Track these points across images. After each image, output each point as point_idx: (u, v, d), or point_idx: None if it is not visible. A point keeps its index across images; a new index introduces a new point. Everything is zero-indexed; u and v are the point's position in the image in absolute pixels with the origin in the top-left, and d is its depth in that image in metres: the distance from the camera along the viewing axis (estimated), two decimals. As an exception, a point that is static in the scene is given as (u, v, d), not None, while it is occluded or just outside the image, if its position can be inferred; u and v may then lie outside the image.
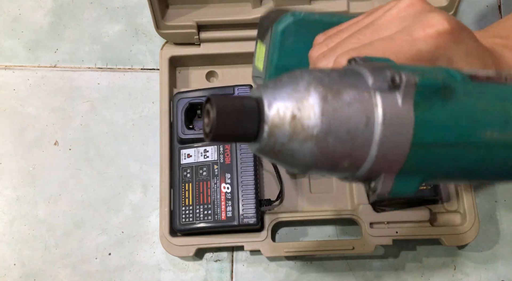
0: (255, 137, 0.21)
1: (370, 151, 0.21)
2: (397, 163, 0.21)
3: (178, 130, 0.57)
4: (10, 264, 0.58)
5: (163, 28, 0.60)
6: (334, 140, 0.20)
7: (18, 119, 0.63)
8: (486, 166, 0.22)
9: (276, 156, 0.21)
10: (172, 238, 0.55)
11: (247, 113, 0.20)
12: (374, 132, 0.21)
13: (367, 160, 0.21)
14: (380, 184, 0.22)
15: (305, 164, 0.22)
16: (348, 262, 0.58)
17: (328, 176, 0.23)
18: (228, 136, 0.21)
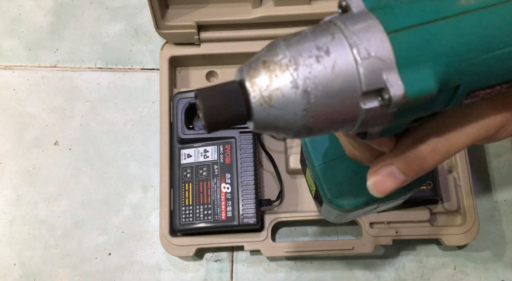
0: (248, 117, 0.22)
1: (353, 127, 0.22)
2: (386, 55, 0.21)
3: (178, 130, 0.57)
4: (10, 264, 0.58)
5: (163, 28, 0.60)
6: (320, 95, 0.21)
7: (18, 119, 0.63)
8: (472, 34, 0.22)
9: (274, 128, 0.22)
10: (172, 238, 0.55)
11: (232, 98, 0.21)
12: (356, 123, 0.22)
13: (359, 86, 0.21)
14: (389, 86, 0.20)
15: (303, 125, 0.22)
16: (348, 262, 0.58)
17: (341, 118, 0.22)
18: (222, 123, 0.22)
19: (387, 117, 0.22)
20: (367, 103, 0.21)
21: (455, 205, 0.57)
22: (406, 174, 0.26)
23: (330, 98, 0.21)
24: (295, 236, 0.60)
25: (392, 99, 0.20)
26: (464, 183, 0.57)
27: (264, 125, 0.22)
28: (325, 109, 0.21)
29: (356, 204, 0.33)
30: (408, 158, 0.26)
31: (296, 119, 0.21)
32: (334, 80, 0.21)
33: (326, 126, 0.22)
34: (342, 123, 0.22)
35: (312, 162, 0.34)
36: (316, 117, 0.21)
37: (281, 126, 0.21)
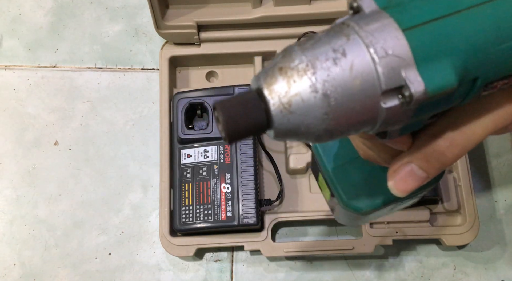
0: (268, 126, 0.21)
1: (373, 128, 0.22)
2: (403, 52, 0.20)
3: (178, 130, 0.57)
4: (10, 264, 0.58)
5: (163, 28, 0.60)
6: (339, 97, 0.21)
7: (18, 119, 0.63)
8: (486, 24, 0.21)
9: (296, 134, 0.22)
10: (172, 238, 0.55)
11: (252, 107, 0.21)
12: (376, 123, 0.21)
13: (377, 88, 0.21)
14: (409, 83, 0.20)
15: (325, 129, 0.21)
16: (348, 262, 0.58)
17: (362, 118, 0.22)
18: (242, 133, 0.21)
19: (408, 114, 0.21)
20: (387, 102, 0.21)
21: (455, 205, 0.57)
22: (426, 171, 0.26)
23: (350, 100, 0.20)
24: (295, 236, 0.60)
25: (413, 96, 0.20)
26: (464, 183, 0.57)
27: (285, 132, 0.22)
28: (346, 111, 0.21)
29: (373, 205, 0.32)
30: (426, 154, 0.25)
31: (317, 124, 0.21)
32: (353, 81, 0.20)
33: (347, 128, 0.21)
34: (363, 124, 0.22)
35: (325, 165, 0.34)
36: (337, 120, 0.21)
37: (302, 132, 0.21)
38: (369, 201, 0.32)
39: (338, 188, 0.33)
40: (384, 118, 0.21)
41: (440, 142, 0.25)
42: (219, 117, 0.21)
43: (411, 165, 0.26)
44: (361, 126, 0.22)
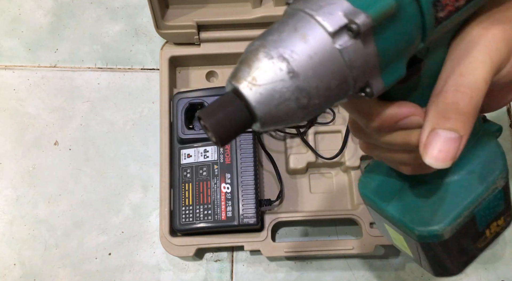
0: (253, 118, 0.22)
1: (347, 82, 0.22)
2: (374, 69, 0.22)
3: (178, 130, 0.57)
4: (10, 264, 0.58)
5: (163, 28, 0.60)
6: (316, 105, 0.22)
7: (18, 119, 0.63)
8: None
9: (280, 118, 0.22)
10: (172, 238, 0.55)
11: (233, 107, 0.22)
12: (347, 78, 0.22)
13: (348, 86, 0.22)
14: (373, 87, 0.22)
15: (303, 118, 0.23)
16: (348, 262, 0.58)
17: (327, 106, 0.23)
18: (231, 134, 0.22)
19: (370, 51, 0.22)
20: (338, 41, 0.21)
21: (455, 205, 0.57)
22: (453, 129, 0.25)
23: (308, 55, 0.21)
24: (295, 236, 0.60)
25: (359, 26, 0.21)
26: (464, 183, 0.57)
27: (269, 119, 0.22)
28: (310, 68, 0.21)
29: (450, 220, 0.30)
30: (442, 112, 0.25)
31: (291, 94, 0.22)
32: (303, 38, 0.21)
33: (325, 90, 0.22)
34: (337, 81, 0.22)
35: (381, 208, 0.33)
36: (306, 82, 0.21)
37: (285, 111, 0.22)
38: (442, 216, 0.30)
39: (406, 222, 0.31)
40: (349, 63, 0.21)
41: (447, 94, 0.25)
42: (206, 126, 0.22)
43: (436, 131, 0.25)
44: (336, 83, 0.22)
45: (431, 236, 0.31)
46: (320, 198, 0.59)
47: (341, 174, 0.60)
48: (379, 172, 0.35)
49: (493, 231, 0.32)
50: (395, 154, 0.29)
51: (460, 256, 0.33)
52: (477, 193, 0.31)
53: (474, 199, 0.31)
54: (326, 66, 0.21)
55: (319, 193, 0.60)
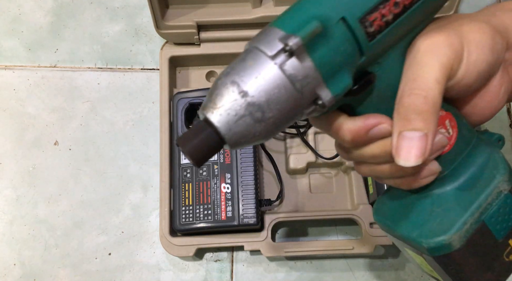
0: (223, 141, 0.26)
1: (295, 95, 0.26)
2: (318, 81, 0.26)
3: (178, 130, 0.57)
4: (10, 264, 0.58)
5: (163, 28, 0.60)
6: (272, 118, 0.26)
7: (18, 119, 0.63)
8: None
9: (243, 138, 0.26)
10: (172, 238, 0.55)
11: (205, 134, 0.26)
12: (292, 91, 0.26)
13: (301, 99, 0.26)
14: (322, 97, 0.26)
15: (267, 133, 0.26)
16: (348, 262, 0.58)
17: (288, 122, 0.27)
18: (205, 157, 0.27)
19: (308, 67, 0.26)
20: (278, 62, 0.25)
21: (455, 205, 0.57)
22: (416, 128, 0.27)
23: (258, 80, 0.25)
24: (295, 236, 0.60)
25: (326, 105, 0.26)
26: (464, 183, 0.57)
27: (236, 141, 0.26)
28: (261, 90, 0.25)
29: (455, 228, 0.31)
30: (403, 115, 0.27)
31: (260, 135, 0.26)
32: (253, 70, 0.26)
33: (276, 104, 0.26)
34: (284, 95, 0.26)
35: (393, 229, 0.34)
36: (258, 101, 0.25)
37: (244, 127, 0.26)
38: (446, 226, 0.31)
39: (413, 236, 0.32)
40: (290, 78, 0.26)
41: (403, 99, 0.27)
42: (183, 152, 0.26)
43: (402, 134, 0.27)
44: (283, 94, 0.26)
45: (440, 247, 0.31)
46: (320, 198, 0.59)
47: (341, 174, 0.60)
48: (389, 196, 0.36)
49: None
50: (382, 167, 0.30)
51: (486, 271, 0.32)
52: (479, 198, 0.31)
53: (476, 204, 0.31)
54: (271, 82, 0.25)
55: (319, 193, 0.60)
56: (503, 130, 0.63)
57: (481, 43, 0.29)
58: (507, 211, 0.32)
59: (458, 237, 0.31)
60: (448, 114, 0.32)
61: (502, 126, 0.64)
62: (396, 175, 0.31)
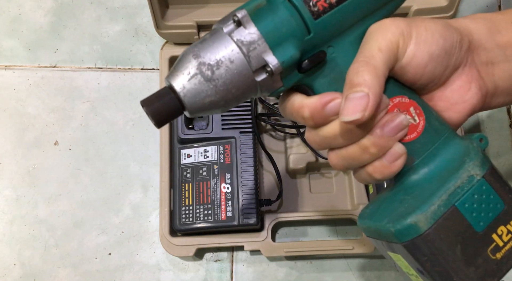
0: (183, 108, 0.30)
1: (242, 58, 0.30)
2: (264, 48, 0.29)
3: (178, 130, 0.57)
4: (10, 264, 0.58)
5: (163, 28, 0.60)
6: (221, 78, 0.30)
7: (18, 119, 0.63)
8: None
9: (203, 108, 0.30)
10: (172, 238, 0.55)
11: (168, 99, 0.30)
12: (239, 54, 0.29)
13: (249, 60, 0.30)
14: (269, 62, 0.29)
15: (220, 97, 0.30)
16: (348, 262, 0.58)
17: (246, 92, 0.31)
18: (166, 118, 0.30)
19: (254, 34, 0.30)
20: (226, 29, 0.30)
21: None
22: (358, 90, 0.29)
23: (208, 43, 0.30)
24: (295, 236, 0.60)
25: (274, 71, 0.30)
26: (464, 183, 0.57)
27: (195, 109, 0.30)
28: (211, 51, 0.30)
29: (421, 209, 0.30)
30: (348, 83, 0.30)
31: (213, 97, 0.30)
32: (209, 40, 0.30)
33: (226, 63, 0.29)
34: (234, 57, 0.30)
35: (369, 226, 0.34)
36: (208, 60, 0.29)
37: (197, 85, 0.30)
38: (413, 208, 0.30)
39: (383, 224, 0.32)
40: (237, 42, 0.29)
41: (350, 69, 0.30)
42: (146, 112, 0.30)
43: (347, 97, 0.29)
44: (231, 56, 0.29)
45: (406, 229, 0.30)
46: (320, 198, 0.59)
47: (341, 174, 0.60)
48: (372, 200, 0.37)
49: (506, 239, 0.30)
50: (349, 151, 0.32)
51: (468, 266, 0.30)
52: (447, 181, 0.31)
53: (444, 187, 0.30)
54: (220, 46, 0.29)
55: (319, 193, 0.60)
56: (503, 130, 0.63)
57: (431, 28, 0.31)
58: (484, 199, 0.31)
59: (424, 218, 0.30)
60: (413, 102, 0.32)
61: (502, 126, 0.64)
62: (364, 159, 0.32)
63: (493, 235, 0.30)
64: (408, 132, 0.32)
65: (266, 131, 0.62)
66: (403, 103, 0.32)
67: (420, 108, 0.33)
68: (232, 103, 0.31)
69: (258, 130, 0.59)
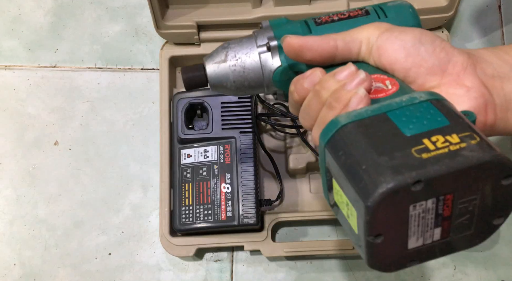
0: (207, 81, 0.39)
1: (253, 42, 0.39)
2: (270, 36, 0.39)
3: (178, 130, 0.57)
4: (10, 264, 0.58)
5: (163, 28, 0.60)
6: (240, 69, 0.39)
7: (18, 119, 0.63)
8: None
9: (222, 86, 0.39)
10: (172, 238, 0.55)
11: (198, 71, 0.40)
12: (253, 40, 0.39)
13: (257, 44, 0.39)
14: (270, 44, 0.38)
15: (239, 87, 0.39)
16: (348, 262, 0.58)
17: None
18: (193, 87, 0.40)
19: (270, 34, 0.39)
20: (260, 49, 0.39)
21: (455, 205, 0.57)
22: None
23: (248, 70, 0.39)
24: (295, 236, 0.60)
25: (263, 26, 0.40)
26: (464, 183, 0.57)
27: (215, 84, 0.39)
28: (243, 76, 0.39)
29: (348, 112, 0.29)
30: None
31: (233, 84, 0.39)
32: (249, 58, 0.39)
33: (248, 85, 0.39)
34: (248, 39, 0.39)
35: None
36: (241, 81, 0.39)
37: (226, 85, 0.39)
38: None
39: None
40: (255, 38, 0.39)
41: None
42: (182, 77, 0.40)
43: None
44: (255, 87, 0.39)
45: (328, 126, 0.29)
46: (320, 198, 0.59)
47: (341, 174, 0.60)
48: None
49: (441, 146, 0.26)
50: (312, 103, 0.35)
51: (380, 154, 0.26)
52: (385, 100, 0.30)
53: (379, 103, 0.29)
54: (245, 46, 0.39)
55: (319, 193, 0.60)
56: (503, 130, 0.63)
57: (408, 29, 0.34)
58: (423, 113, 0.28)
59: (347, 115, 0.29)
60: (392, 79, 0.33)
61: (502, 126, 0.64)
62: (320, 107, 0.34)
63: (424, 140, 0.27)
64: (375, 92, 0.32)
65: (266, 131, 0.62)
66: (380, 78, 0.33)
67: (397, 83, 0.32)
68: (243, 90, 0.39)
69: (258, 130, 0.59)
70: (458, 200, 0.27)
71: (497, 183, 0.27)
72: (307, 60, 0.36)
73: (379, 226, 0.26)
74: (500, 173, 0.27)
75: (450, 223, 0.28)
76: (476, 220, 0.29)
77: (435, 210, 0.27)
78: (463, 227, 0.29)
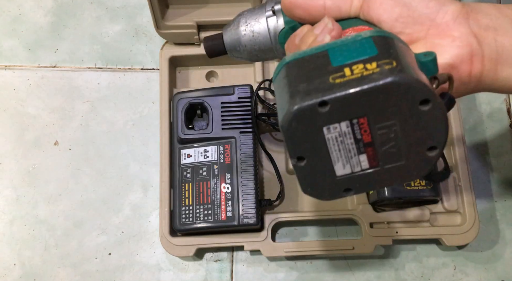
0: (224, 49, 0.44)
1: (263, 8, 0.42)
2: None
3: (178, 130, 0.57)
4: (10, 264, 0.58)
5: (163, 28, 0.60)
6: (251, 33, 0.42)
7: (18, 119, 0.63)
8: None
9: (238, 51, 0.43)
10: (172, 238, 0.55)
11: (217, 41, 0.44)
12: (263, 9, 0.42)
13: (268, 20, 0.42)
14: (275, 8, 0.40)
15: (251, 51, 0.42)
16: (348, 262, 0.58)
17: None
18: (214, 55, 0.45)
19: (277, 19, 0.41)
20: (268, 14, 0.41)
21: (455, 205, 0.57)
22: None
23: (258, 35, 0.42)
24: (295, 236, 0.60)
25: (275, 9, 0.41)
26: (464, 183, 0.57)
27: (230, 49, 0.43)
28: (254, 41, 0.42)
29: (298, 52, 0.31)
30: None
31: (244, 48, 0.42)
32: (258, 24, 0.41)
33: (258, 50, 0.42)
34: (267, 46, 0.42)
35: None
36: (252, 45, 0.42)
37: (239, 49, 0.43)
38: None
39: None
40: (265, 6, 0.41)
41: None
42: (204, 46, 0.45)
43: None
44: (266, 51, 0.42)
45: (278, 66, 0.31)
46: (320, 198, 0.59)
47: (341, 174, 0.60)
48: None
49: (357, 72, 0.27)
50: None
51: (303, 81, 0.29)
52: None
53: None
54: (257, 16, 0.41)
55: (319, 193, 0.60)
56: (503, 130, 0.63)
57: None
58: (357, 46, 0.29)
59: (292, 55, 0.30)
60: (371, 28, 0.32)
61: (502, 126, 0.64)
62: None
63: (345, 68, 0.28)
64: None
65: (266, 132, 0.62)
66: (360, 28, 0.33)
67: None
68: (255, 56, 0.43)
69: (258, 130, 0.59)
70: (374, 124, 0.28)
71: (413, 108, 0.27)
72: (298, 17, 0.37)
73: (297, 147, 0.29)
74: (413, 97, 0.27)
75: (374, 150, 0.29)
76: (405, 149, 0.29)
77: (352, 134, 0.28)
78: (392, 156, 0.29)
